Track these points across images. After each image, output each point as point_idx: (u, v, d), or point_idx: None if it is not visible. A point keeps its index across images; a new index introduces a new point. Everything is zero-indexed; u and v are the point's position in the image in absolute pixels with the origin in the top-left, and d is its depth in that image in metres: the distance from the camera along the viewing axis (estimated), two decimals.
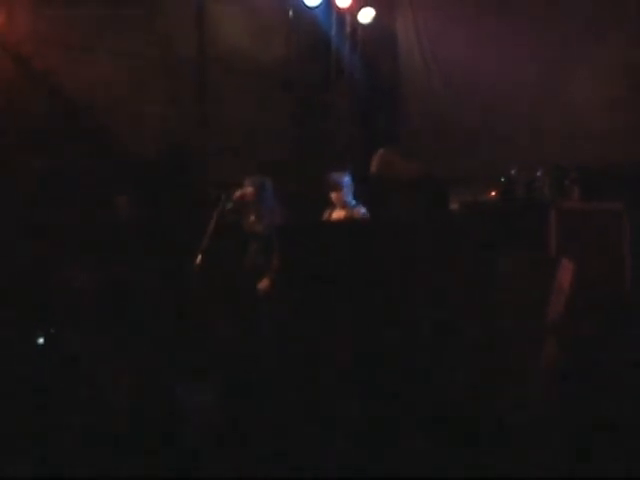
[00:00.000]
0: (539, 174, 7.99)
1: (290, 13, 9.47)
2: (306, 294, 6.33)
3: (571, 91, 8.67)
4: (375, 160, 7.37)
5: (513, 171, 8.21)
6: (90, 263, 7.33)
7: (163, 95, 8.77)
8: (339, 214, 7.24)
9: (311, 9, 9.51)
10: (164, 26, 8.81)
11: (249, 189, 7.27)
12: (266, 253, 7.17)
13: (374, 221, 7.08)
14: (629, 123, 8.11)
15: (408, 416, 5.23)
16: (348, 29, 10.03)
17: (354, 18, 9.93)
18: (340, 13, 9.91)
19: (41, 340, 6.90)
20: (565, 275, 6.42)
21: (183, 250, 7.19)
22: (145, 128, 8.55)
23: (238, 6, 9.28)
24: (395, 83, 10.27)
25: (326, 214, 7.36)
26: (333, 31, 9.97)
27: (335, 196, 7.19)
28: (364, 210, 7.13)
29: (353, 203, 7.20)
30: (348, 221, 7.07)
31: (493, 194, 8.40)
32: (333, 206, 7.30)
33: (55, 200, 7.72)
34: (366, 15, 9.85)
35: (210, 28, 9.15)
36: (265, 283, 7.09)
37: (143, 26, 8.66)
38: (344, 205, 7.19)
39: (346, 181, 7.23)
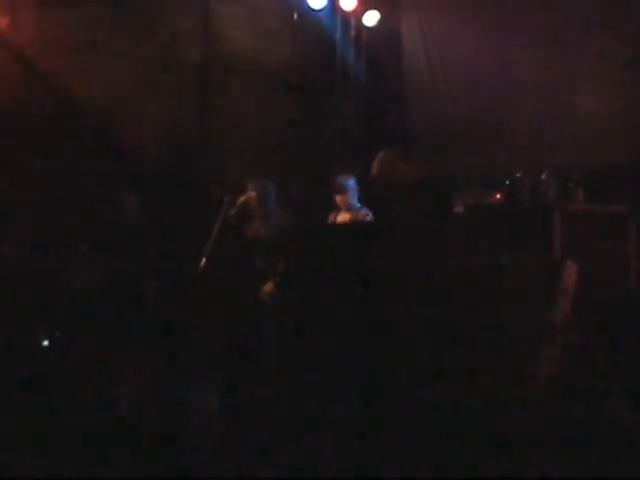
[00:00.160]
0: (543, 177, 7.98)
1: (295, 16, 9.46)
2: (311, 297, 6.34)
3: (576, 93, 8.64)
4: (376, 163, 7.36)
5: (518, 174, 8.21)
6: (94, 263, 7.34)
7: (167, 97, 8.77)
8: (344, 217, 7.24)
9: (316, 12, 9.51)
10: (168, 28, 8.81)
11: (252, 194, 7.27)
12: (270, 257, 7.17)
13: (379, 223, 7.07)
14: (633, 124, 8.08)
15: (408, 416, 5.23)
16: (353, 32, 10.02)
17: (359, 21, 9.93)
18: (345, 16, 9.91)
19: (45, 342, 6.91)
20: (570, 277, 6.43)
21: (187, 252, 7.20)
22: (149, 129, 8.54)
23: (243, 8, 9.28)
24: (400, 85, 10.26)
25: (331, 217, 7.36)
26: (338, 34, 9.96)
27: (340, 199, 7.19)
28: (369, 213, 7.13)
29: (358, 206, 7.20)
30: (353, 224, 7.07)
31: (498, 197, 8.39)
32: (338, 209, 7.30)
33: (59, 200, 7.74)
34: (371, 18, 9.84)
35: (214, 30, 9.15)
36: (270, 286, 7.08)
37: (147, 28, 8.67)
38: (349, 208, 7.19)
39: (351, 184, 7.24)
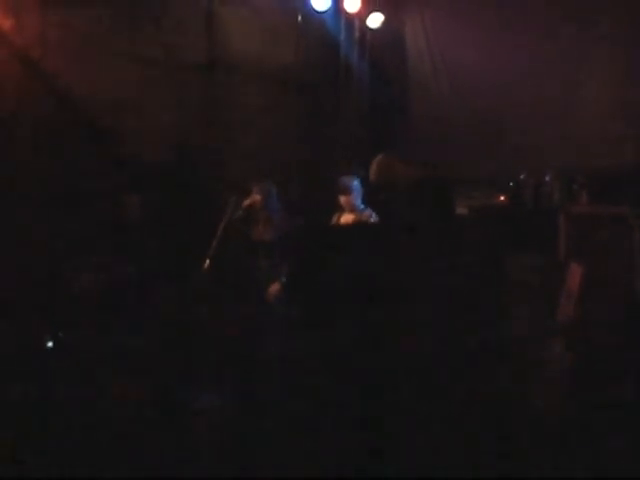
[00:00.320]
0: (548, 178, 7.98)
1: (299, 17, 9.45)
2: (316, 298, 6.34)
3: (580, 94, 8.65)
4: (373, 167, 7.36)
5: (522, 176, 8.21)
6: (97, 264, 7.34)
7: (171, 98, 8.77)
8: (348, 218, 7.25)
9: (320, 14, 9.51)
10: (172, 29, 8.82)
11: (257, 197, 7.28)
12: (275, 259, 7.18)
13: (382, 224, 7.07)
14: (637, 126, 8.08)
15: (409, 416, 5.22)
16: (357, 34, 10.02)
17: (363, 23, 9.92)
18: (349, 18, 9.90)
19: (50, 343, 6.91)
20: (574, 279, 6.42)
21: (190, 253, 7.20)
22: (153, 130, 8.54)
23: (246, 10, 9.28)
24: (404, 87, 10.25)
25: (335, 218, 7.36)
26: (342, 36, 9.96)
27: (344, 200, 7.19)
28: (373, 214, 7.13)
29: (362, 207, 7.20)
30: (357, 225, 7.07)
31: (502, 199, 8.40)
32: (342, 210, 7.30)
33: (60, 201, 7.74)
34: (375, 20, 9.84)
35: (218, 31, 9.15)
36: (275, 287, 7.09)
37: (151, 29, 8.68)
38: (353, 209, 7.20)
39: (355, 185, 7.25)
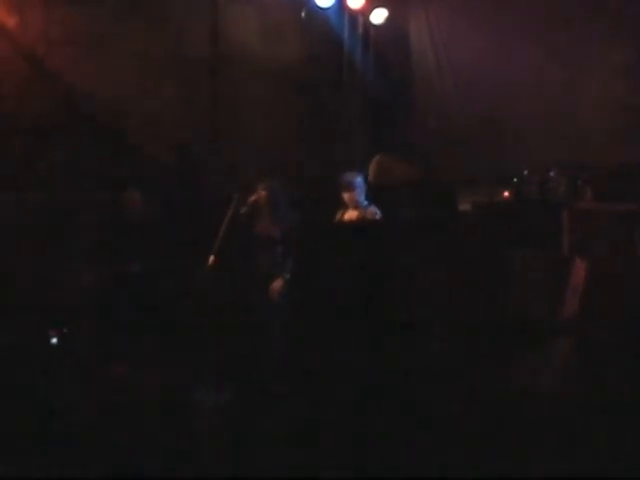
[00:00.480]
0: (552, 174, 7.97)
1: (302, 14, 9.45)
2: (319, 294, 6.34)
3: (584, 91, 8.65)
4: (372, 167, 7.38)
5: (526, 172, 8.20)
6: (100, 262, 7.35)
7: (175, 95, 8.78)
8: (351, 215, 7.23)
9: (323, 10, 9.50)
10: (177, 26, 8.83)
11: (262, 193, 7.29)
12: (279, 255, 7.18)
13: (386, 222, 7.07)
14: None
15: (409, 416, 5.23)
16: (360, 30, 10.01)
17: (366, 19, 9.91)
18: (352, 14, 9.90)
19: (54, 340, 6.92)
20: (578, 275, 6.41)
21: (194, 250, 7.21)
22: (157, 127, 8.56)
23: (250, 7, 9.29)
24: (408, 83, 10.25)
25: (338, 215, 7.36)
26: (345, 32, 9.95)
27: (348, 196, 7.18)
28: (377, 210, 7.12)
29: (365, 203, 7.18)
30: (360, 222, 7.07)
31: (506, 195, 8.39)
32: (345, 207, 7.29)
33: (64, 197, 7.76)
34: (378, 16, 9.83)
35: (222, 29, 9.15)
36: (278, 284, 7.10)
37: (156, 26, 8.68)
38: (356, 206, 7.18)
39: (359, 182, 7.23)
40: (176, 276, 7.40)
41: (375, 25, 9.93)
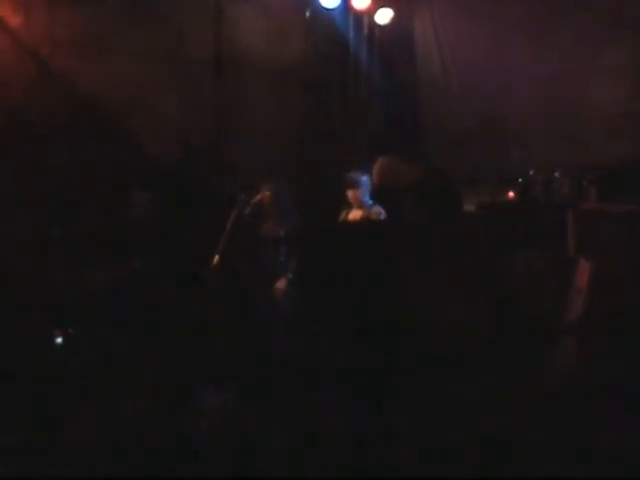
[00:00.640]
0: (557, 175, 7.96)
1: (307, 14, 9.44)
2: (323, 294, 6.34)
3: (589, 92, 8.63)
4: (376, 169, 7.37)
5: (531, 172, 8.19)
6: (107, 262, 7.36)
7: (179, 95, 8.78)
8: (355, 215, 7.22)
9: (328, 10, 9.49)
10: (181, 26, 8.82)
11: (267, 193, 7.30)
12: (283, 255, 7.19)
13: (390, 222, 7.06)
14: None
15: (410, 416, 5.22)
16: (366, 30, 10.00)
17: (372, 19, 9.90)
18: (357, 14, 9.89)
19: (59, 340, 6.92)
20: (583, 276, 6.39)
21: (200, 249, 7.21)
22: (161, 128, 8.56)
23: (255, 7, 9.27)
24: (413, 84, 10.23)
25: (343, 215, 7.35)
26: (350, 32, 9.94)
27: (352, 194, 7.17)
28: (381, 210, 7.10)
29: (370, 203, 7.17)
30: (365, 222, 7.06)
31: (511, 195, 8.38)
32: (350, 207, 7.28)
33: (71, 198, 7.76)
34: (384, 16, 9.82)
35: (227, 29, 9.13)
36: (282, 283, 7.10)
37: (160, 26, 8.68)
38: (361, 205, 7.17)
39: (364, 180, 7.22)
40: (181, 276, 7.41)
41: (380, 25, 9.92)
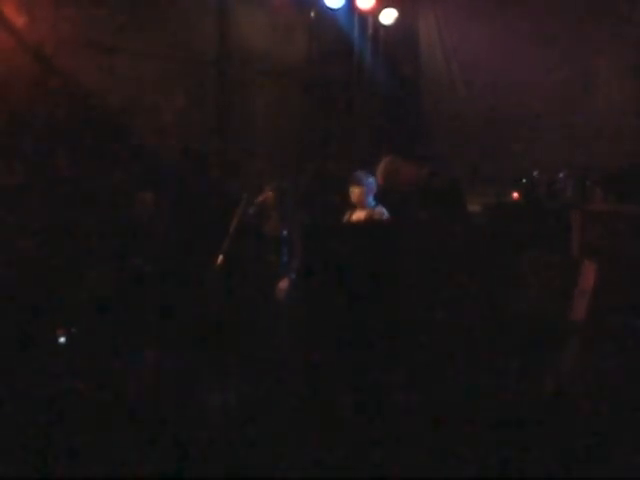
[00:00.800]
0: (561, 176, 7.95)
1: (312, 14, 9.44)
2: (325, 294, 6.32)
3: (593, 93, 8.63)
4: (380, 169, 7.37)
5: (535, 173, 8.18)
6: (111, 262, 7.36)
7: (184, 95, 8.78)
8: (359, 215, 7.21)
9: (333, 10, 9.50)
10: (185, 26, 8.82)
11: (270, 194, 7.30)
12: (286, 255, 7.19)
13: (394, 223, 7.05)
14: None
15: (409, 415, 5.20)
16: (370, 30, 10.01)
17: (376, 19, 9.91)
18: (362, 15, 9.90)
19: (62, 339, 6.92)
20: (588, 276, 6.37)
21: (203, 249, 7.20)
22: (164, 127, 8.55)
23: (259, 7, 9.28)
24: (417, 83, 10.23)
25: (347, 216, 7.34)
26: (355, 32, 9.95)
27: (357, 191, 7.15)
28: (384, 211, 7.10)
29: (373, 204, 7.17)
30: (368, 223, 7.05)
31: (515, 196, 8.37)
32: (354, 207, 7.28)
33: (74, 198, 7.75)
34: (388, 16, 9.83)
35: (231, 29, 9.15)
36: (285, 283, 7.10)
37: (164, 27, 8.68)
38: (364, 205, 7.16)
39: (369, 181, 7.22)
40: (185, 276, 7.40)
41: (384, 25, 9.92)
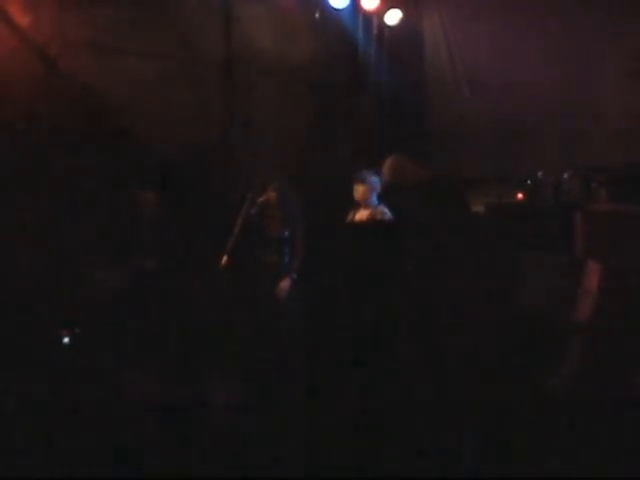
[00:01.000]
0: (566, 176, 7.93)
1: (316, 15, 9.43)
2: (327, 294, 6.33)
3: (598, 92, 8.61)
4: (386, 167, 7.39)
5: (540, 173, 8.16)
6: (114, 262, 7.37)
7: (189, 96, 8.77)
8: (362, 214, 7.23)
9: (337, 11, 9.49)
10: (190, 27, 8.81)
11: (272, 194, 7.32)
12: (288, 255, 7.21)
13: (397, 222, 7.05)
14: None
15: (410, 415, 5.20)
16: (375, 31, 10.00)
17: (381, 20, 9.90)
18: (367, 15, 9.89)
19: (66, 340, 6.93)
20: (592, 277, 6.36)
21: (207, 249, 7.21)
22: (171, 129, 8.54)
23: (264, 7, 9.26)
24: (422, 84, 10.22)
25: (350, 215, 7.36)
26: (360, 33, 9.94)
27: (361, 189, 7.18)
28: (385, 210, 7.11)
29: (376, 203, 7.19)
30: (371, 222, 7.06)
31: (520, 196, 8.36)
32: (357, 207, 7.29)
33: (77, 198, 7.76)
34: (393, 17, 9.81)
35: (236, 29, 9.14)
36: (286, 282, 7.11)
37: (169, 27, 8.67)
38: (367, 205, 7.18)
39: (373, 180, 7.24)
40: (188, 276, 7.41)
41: (389, 26, 9.91)
